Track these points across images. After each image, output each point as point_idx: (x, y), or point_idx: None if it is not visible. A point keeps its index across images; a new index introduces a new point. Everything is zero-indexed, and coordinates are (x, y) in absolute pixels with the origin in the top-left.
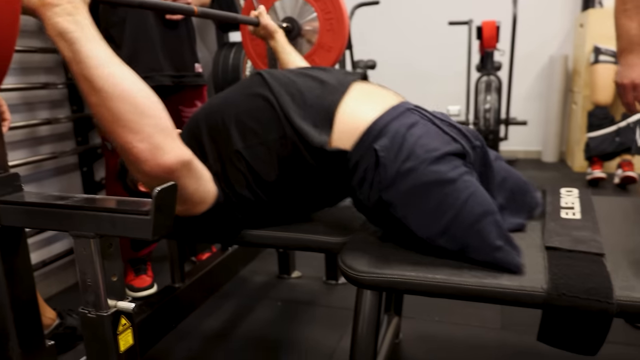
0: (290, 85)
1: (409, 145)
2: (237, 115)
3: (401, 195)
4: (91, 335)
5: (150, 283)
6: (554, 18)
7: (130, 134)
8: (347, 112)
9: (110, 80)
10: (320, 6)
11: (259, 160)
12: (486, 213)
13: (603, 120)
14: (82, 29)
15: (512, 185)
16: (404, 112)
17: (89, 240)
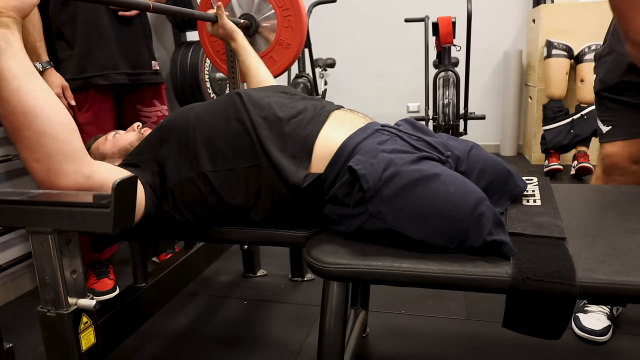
0: (268, 111)
1: (384, 157)
2: (210, 138)
3: (388, 201)
4: (51, 334)
5: (113, 286)
6: (507, 14)
7: (27, 151)
8: (323, 140)
9: (16, 94)
10: (278, 3)
11: (224, 185)
12: (481, 200)
13: (558, 113)
14: (9, 43)
15: (491, 175)
16: (373, 133)
17: (46, 236)
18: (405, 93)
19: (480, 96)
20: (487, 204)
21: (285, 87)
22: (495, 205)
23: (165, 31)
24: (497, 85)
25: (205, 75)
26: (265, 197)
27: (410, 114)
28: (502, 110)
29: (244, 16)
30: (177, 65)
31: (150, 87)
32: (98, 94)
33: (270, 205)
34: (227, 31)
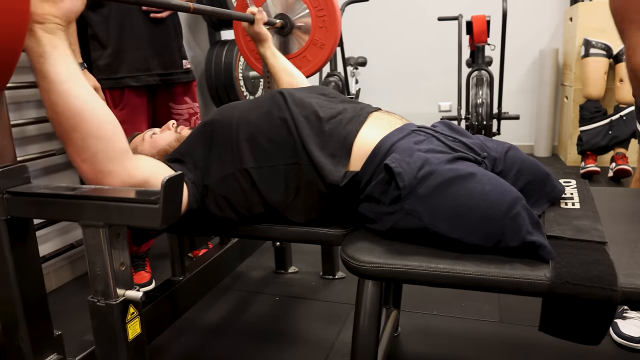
0: (310, 110)
1: (420, 156)
2: (253, 135)
3: (424, 199)
4: (100, 323)
5: (149, 279)
6: (543, 12)
7: (75, 152)
8: (361, 140)
9: (63, 97)
10: (313, 3)
11: (265, 181)
12: (517, 199)
13: (595, 113)
14: (56, 47)
15: (528, 176)
16: (409, 133)
17: (98, 229)
18: (437, 92)
19: (514, 95)
20: (523, 203)
21: (324, 89)
22: (532, 207)
23: (200, 30)
24: (532, 85)
25: (239, 73)
26: (304, 194)
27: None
28: (536, 110)
29: (279, 16)
30: (212, 64)
31: (182, 85)
32: (132, 93)
33: (308, 203)
34: (261, 37)
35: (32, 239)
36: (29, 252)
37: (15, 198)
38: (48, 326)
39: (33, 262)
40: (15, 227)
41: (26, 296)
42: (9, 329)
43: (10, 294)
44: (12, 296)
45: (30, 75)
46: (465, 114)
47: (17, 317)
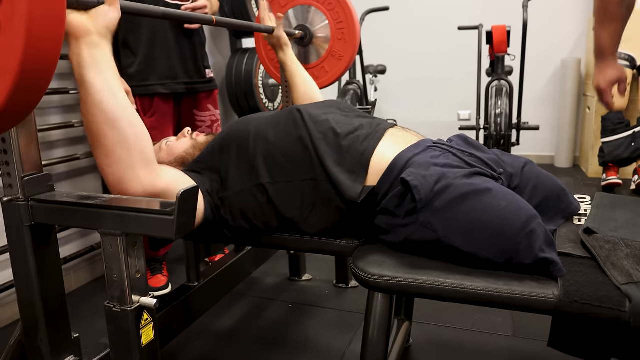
0: (327, 126)
1: (437, 170)
2: (269, 151)
3: (439, 212)
4: (115, 328)
5: (166, 283)
6: (565, 21)
7: (103, 157)
8: (378, 156)
9: (99, 106)
10: (333, 15)
11: (281, 196)
12: (533, 216)
13: (618, 125)
14: (96, 60)
15: (544, 192)
16: (425, 149)
17: (116, 238)
18: (457, 101)
19: (535, 105)
20: (538, 221)
21: (339, 103)
22: (547, 223)
23: (222, 38)
24: (553, 95)
25: (259, 81)
26: (320, 209)
27: (461, 122)
28: (557, 120)
29: (300, 27)
30: (233, 71)
31: (205, 93)
32: (161, 101)
33: (324, 217)
34: (280, 42)
35: (54, 245)
36: (51, 257)
37: (40, 205)
38: (66, 329)
39: (54, 267)
40: (39, 232)
41: (47, 299)
42: (30, 330)
43: (32, 297)
44: (34, 299)
45: (55, 82)
46: (485, 124)
47: (38, 319)
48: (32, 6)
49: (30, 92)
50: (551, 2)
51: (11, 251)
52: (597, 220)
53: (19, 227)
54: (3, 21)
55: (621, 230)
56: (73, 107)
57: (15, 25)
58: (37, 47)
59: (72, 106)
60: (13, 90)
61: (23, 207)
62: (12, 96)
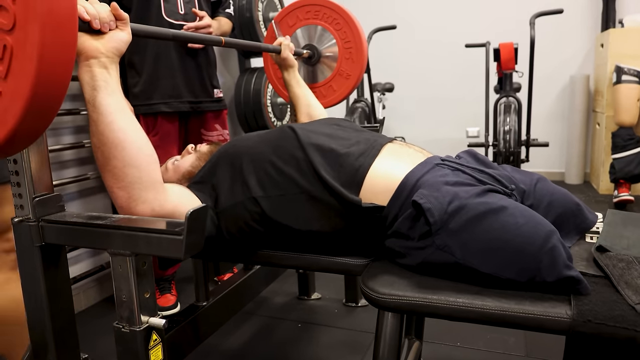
0: (322, 141)
1: (449, 190)
2: (261, 165)
3: (455, 234)
4: (124, 349)
5: (175, 302)
6: (574, 38)
7: (113, 179)
8: (377, 172)
9: (109, 127)
10: (340, 35)
11: (275, 209)
12: (552, 232)
13: (628, 141)
14: (107, 81)
15: (559, 208)
16: (434, 167)
17: (125, 258)
18: (465, 118)
19: (544, 122)
20: (558, 237)
21: (337, 120)
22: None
23: (231, 58)
24: (562, 111)
25: (267, 100)
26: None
27: (469, 139)
28: (567, 137)
29: (307, 46)
30: (241, 90)
31: (213, 113)
32: (165, 120)
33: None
34: (286, 63)
35: (64, 265)
36: (61, 277)
37: (50, 226)
38: (76, 349)
39: (64, 287)
40: (49, 253)
41: (56, 320)
42: (39, 351)
43: (42, 317)
44: (43, 319)
45: (67, 103)
46: (493, 141)
47: (47, 340)
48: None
49: (41, 116)
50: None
51: (21, 271)
52: (609, 238)
53: (30, 247)
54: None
55: (634, 249)
56: (84, 127)
57: (28, 51)
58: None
59: (83, 127)
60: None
61: (34, 228)
62: (23, 120)
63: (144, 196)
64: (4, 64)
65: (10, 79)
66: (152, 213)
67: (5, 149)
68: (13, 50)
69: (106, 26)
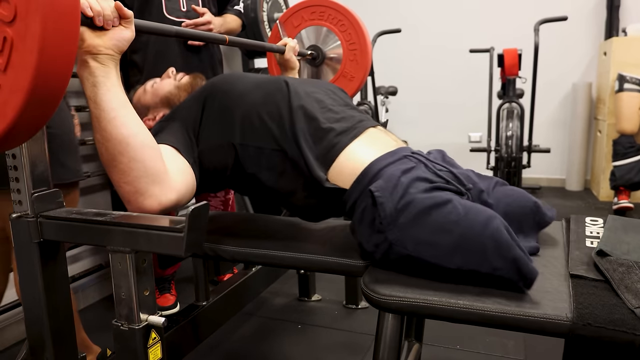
0: (310, 107)
1: (403, 185)
2: (248, 111)
3: (405, 228)
4: (123, 347)
5: (174, 302)
6: (577, 46)
7: (118, 174)
8: (349, 154)
9: (112, 123)
10: (345, 37)
11: (249, 159)
12: (492, 217)
13: (629, 149)
14: (108, 77)
15: (517, 208)
16: (401, 159)
17: (125, 255)
18: (467, 123)
19: (546, 128)
20: (500, 222)
21: (331, 86)
22: (524, 240)
23: (235, 58)
24: (564, 118)
25: None
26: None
27: (471, 144)
28: (568, 143)
29: (312, 47)
30: None
31: None
32: None
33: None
34: (288, 64)
35: (62, 262)
36: (59, 275)
37: (49, 222)
38: (73, 348)
39: (62, 284)
40: (47, 249)
41: (54, 318)
42: (36, 349)
43: (39, 315)
44: (41, 317)
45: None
46: (495, 146)
47: (44, 338)
48: (45, 25)
49: (40, 109)
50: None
51: (19, 268)
52: (610, 243)
53: (28, 243)
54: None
55: (634, 254)
56: (86, 125)
57: (28, 43)
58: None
59: (85, 124)
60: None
61: (32, 224)
62: (22, 113)
63: (151, 190)
64: (4, 57)
65: (9, 71)
66: (159, 206)
67: (4, 142)
68: (13, 43)
69: (109, 23)
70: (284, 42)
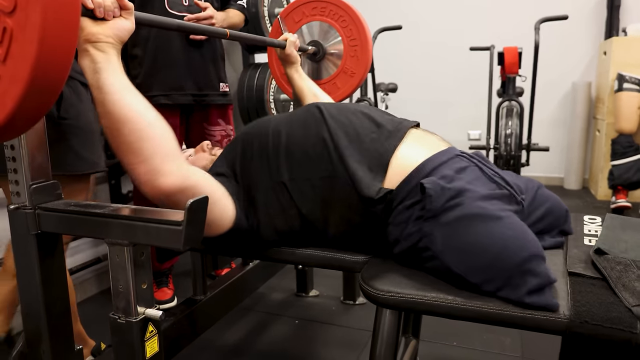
0: (348, 125)
1: (457, 185)
2: (288, 147)
3: (443, 226)
4: (120, 340)
5: (171, 296)
6: (577, 45)
7: (131, 156)
8: (400, 157)
9: (118, 105)
10: (346, 33)
11: (300, 194)
12: (535, 256)
13: (627, 148)
14: (109, 63)
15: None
16: (453, 158)
17: (123, 247)
18: (467, 120)
19: (545, 127)
20: (540, 262)
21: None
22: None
23: (235, 53)
24: (564, 117)
25: (270, 96)
26: (338, 209)
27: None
28: (567, 142)
29: (312, 43)
30: (244, 86)
31: (217, 107)
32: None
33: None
34: (290, 58)
35: (60, 254)
36: (56, 267)
37: (47, 213)
38: (69, 341)
39: (59, 277)
40: (45, 241)
41: (50, 310)
42: (32, 341)
43: (36, 307)
44: (38, 309)
45: None
46: (495, 144)
47: (41, 330)
48: (46, 15)
49: (40, 100)
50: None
51: (16, 260)
52: (607, 242)
53: (25, 235)
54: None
55: (632, 252)
56: None
57: (28, 34)
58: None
59: None
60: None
61: (30, 215)
62: (21, 103)
63: (167, 167)
64: (4, 47)
65: (9, 61)
66: (175, 186)
67: (3, 133)
68: (13, 33)
69: (110, 14)
70: (285, 37)
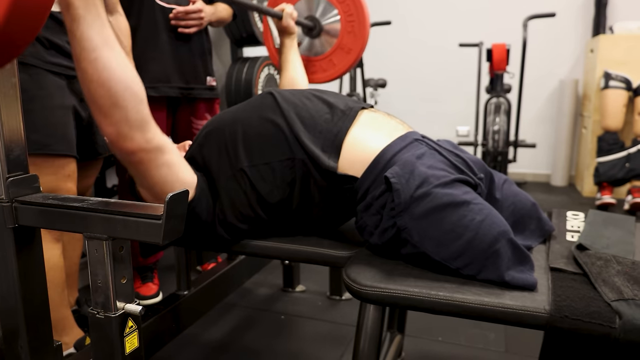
0: (302, 107)
1: (420, 172)
2: (245, 134)
3: (416, 219)
4: (99, 335)
5: (156, 291)
6: (565, 43)
7: (101, 116)
8: (355, 140)
9: (93, 65)
10: (344, 8)
11: (261, 180)
12: (503, 233)
13: (613, 145)
14: (88, 10)
15: (522, 211)
16: (412, 143)
17: (101, 242)
18: (455, 117)
19: (532, 124)
20: (510, 238)
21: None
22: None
23: (223, 46)
24: (551, 114)
25: (258, 90)
26: (302, 188)
27: (459, 137)
28: (554, 139)
29: (309, 18)
30: (232, 80)
31: (205, 101)
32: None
33: (307, 197)
34: (287, 30)
35: (37, 248)
36: (34, 261)
37: (24, 207)
38: (48, 336)
39: (37, 272)
40: (22, 235)
41: (28, 305)
42: (9, 337)
43: (13, 302)
44: (15, 304)
45: None
46: (482, 140)
47: (18, 326)
48: None
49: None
50: (551, 23)
51: None
52: (589, 237)
53: (2, 229)
54: None
55: (613, 248)
56: None
57: None
58: None
59: None
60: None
61: (7, 209)
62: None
63: (132, 134)
64: None
65: None
66: (138, 149)
67: None
68: None
69: None
70: (281, 7)
